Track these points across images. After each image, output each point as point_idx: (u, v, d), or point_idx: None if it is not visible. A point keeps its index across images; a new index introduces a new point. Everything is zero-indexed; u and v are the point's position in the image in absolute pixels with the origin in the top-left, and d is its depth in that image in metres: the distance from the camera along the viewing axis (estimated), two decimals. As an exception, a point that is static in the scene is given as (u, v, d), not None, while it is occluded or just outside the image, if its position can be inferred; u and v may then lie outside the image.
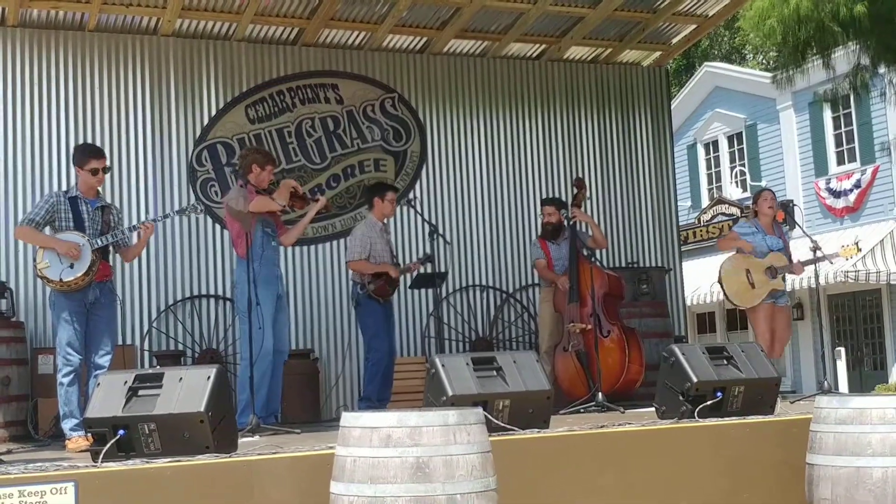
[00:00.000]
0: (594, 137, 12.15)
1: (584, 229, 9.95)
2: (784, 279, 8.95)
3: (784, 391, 8.40)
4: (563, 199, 10.68)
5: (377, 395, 8.73)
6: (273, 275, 7.74)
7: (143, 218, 9.97)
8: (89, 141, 9.74)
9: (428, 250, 9.00)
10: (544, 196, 11.40)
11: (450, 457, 4.58)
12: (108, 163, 7.41)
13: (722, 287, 8.90)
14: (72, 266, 6.86)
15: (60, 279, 6.85)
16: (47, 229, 7.06)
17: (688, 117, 24.06)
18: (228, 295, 10.04)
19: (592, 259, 9.36)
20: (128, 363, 9.16)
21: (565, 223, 9.48)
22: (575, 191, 9.49)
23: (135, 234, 7.36)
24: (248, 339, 7.39)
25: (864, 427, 5.46)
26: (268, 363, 7.44)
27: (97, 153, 7.34)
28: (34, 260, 7.02)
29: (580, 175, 11.43)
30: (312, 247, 10.68)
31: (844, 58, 14.04)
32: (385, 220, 9.20)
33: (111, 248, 7.24)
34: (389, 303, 8.94)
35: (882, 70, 13.41)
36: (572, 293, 9.13)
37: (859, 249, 9.25)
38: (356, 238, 8.92)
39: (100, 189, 7.40)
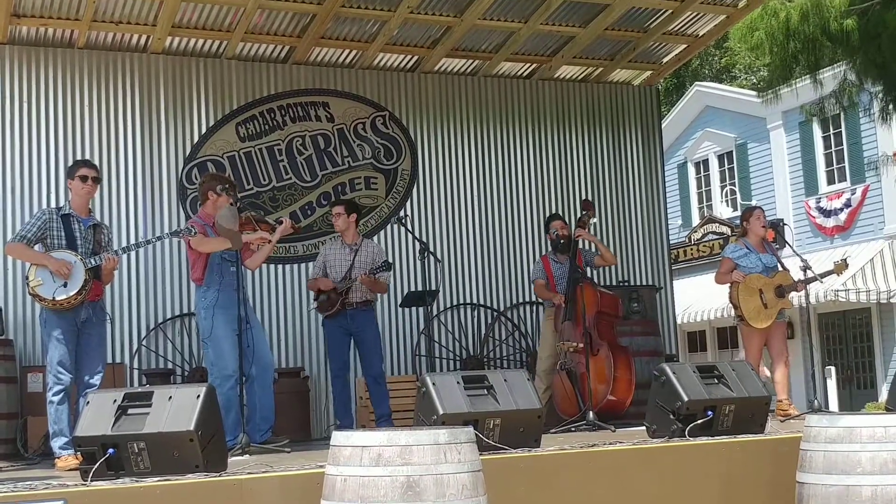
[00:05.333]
0: (585, 156, 12.18)
1: (590, 249, 9.95)
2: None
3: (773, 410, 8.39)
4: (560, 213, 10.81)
5: (340, 417, 8.76)
6: (232, 300, 7.44)
7: (133, 236, 10.00)
8: (79, 158, 9.72)
9: (388, 260, 8.91)
10: (537, 214, 11.53)
11: (440, 476, 4.56)
12: (98, 174, 7.39)
13: (738, 309, 8.83)
14: (65, 285, 6.83)
15: (53, 298, 6.81)
16: (38, 247, 7.03)
17: (678, 136, 24.12)
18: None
19: (588, 277, 9.35)
20: (117, 381, 9.15)
21: (568, 240, 9.41)
22: (582, 212, 9.41)
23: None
24: (212, 365, 7.56)
25: (854, 446, 5.46)
26: (231, 386, 7.37)
27: (87, 163, 7.45)
28: (26, 278, 6.98)
29: (585, 197, 11.51)
30: (301, 265, 10.66)
31: (832, 77, 14.10)
32: (359, 236, 9.12)
33: None
34: (353, 318, 8.73)
35: (868, 86, 13.47)
36: (567, 311, 9.11)
37: (847, 265, 9.25)
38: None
39: (91, 207, 7.38)
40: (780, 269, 8.98)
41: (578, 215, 9.50)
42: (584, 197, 11.89)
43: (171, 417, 5.30)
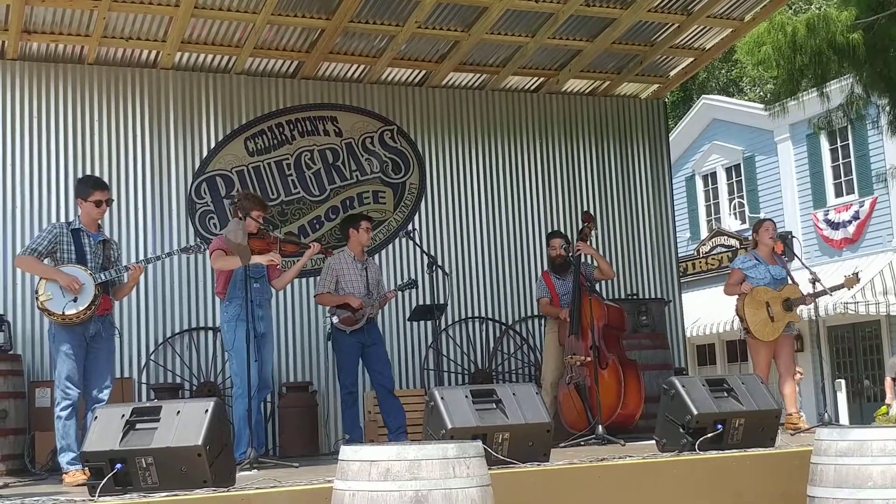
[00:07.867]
0: (593, 169, 12.17)
1: (589, 262, 9.95)
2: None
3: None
4: (565, 231, 10.76)
5: (348, 431, 8.75)
6: (254, 315, 7.57)
7: (142, 250, 10.01)
8: (88, 173, 9.76)
9: (411, 276, 9.04)
10: (545, 228, 11.50)
11: (449, 490, 4.55)
12: (111, 196, 7.43)
13: (744, 321, 8.82)
14: (75, 300, 6.83)
15: (63, 313, 6.81)
16: (48, 260, 7.04)
17: (686, 149, 24.12)
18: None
19: (595, 291, 9.33)
20: (125, 396, 9.16)
21: (570, 257, 9.43)
22: (583, 224, 9.46)
23: (126, 274, 7.29)
24: (235, 375, 7.69)
25: (865, 459, 5.43)
26: (251, 397, 7.42)
27: (100, 185, 7.39)
28: (36, 292, 6.98)
29: (586, 209, 11.48)
30: (310, 279, 10.66)
31: (839, 90, 14.09)
32: (365, 253, 9.20)
33: None
34: (369, 332, 8.82)
35: (875, 99, 13.46)
36: (573, 325, 9.11)
37: (858, 279, 9.23)
38: (322, 272, 9.09)
39: (100, 223, 7.39)
40: (790, 281, 8.96)
41: (579, 227, 9.51)
42: (592, 211, 11.88)
43: (179, 432, 5.30)
